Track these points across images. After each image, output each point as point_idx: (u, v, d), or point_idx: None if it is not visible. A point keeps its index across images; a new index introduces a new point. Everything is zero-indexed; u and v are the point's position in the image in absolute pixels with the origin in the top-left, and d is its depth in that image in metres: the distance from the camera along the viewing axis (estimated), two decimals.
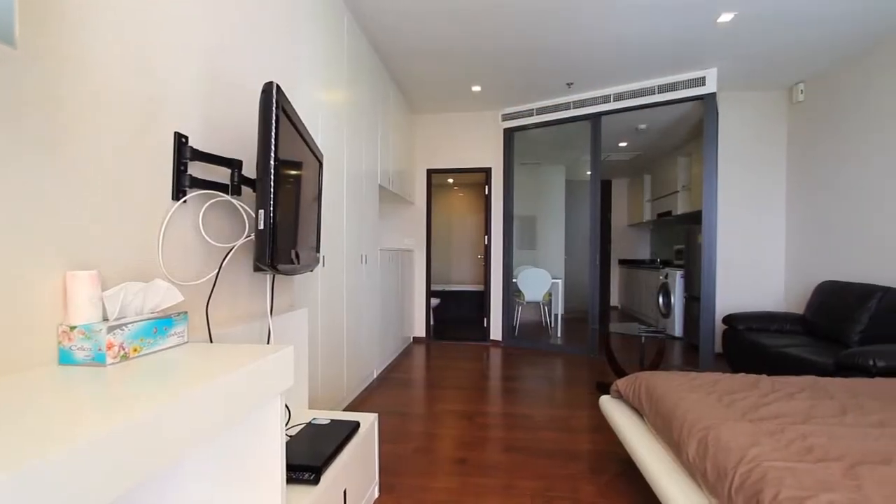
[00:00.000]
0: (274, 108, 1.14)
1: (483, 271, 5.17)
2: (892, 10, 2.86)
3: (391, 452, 2.29)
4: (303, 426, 1.61)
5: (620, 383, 2.13)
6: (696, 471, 1.37)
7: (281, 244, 1.22)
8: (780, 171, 4.37)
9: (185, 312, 1.10)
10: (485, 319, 5.15)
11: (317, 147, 1.72)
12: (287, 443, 1.41)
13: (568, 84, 4.15)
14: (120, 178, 1.02)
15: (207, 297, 1.27)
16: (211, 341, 1.23)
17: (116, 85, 1.00)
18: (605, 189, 8.37)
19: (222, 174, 1.36)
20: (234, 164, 1.34)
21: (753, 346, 3.36)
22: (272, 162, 1.13)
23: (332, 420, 1.67)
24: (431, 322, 5.44)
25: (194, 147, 1.23)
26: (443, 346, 4.93)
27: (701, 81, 3.85)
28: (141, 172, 1.08)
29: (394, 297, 4.23)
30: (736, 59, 3.65)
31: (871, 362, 2.31)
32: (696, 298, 4.19)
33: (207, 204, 1.30)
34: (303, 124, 1.48)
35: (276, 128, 1.14)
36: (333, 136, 2.68)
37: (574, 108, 4.42)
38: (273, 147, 1.13)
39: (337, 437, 1.52)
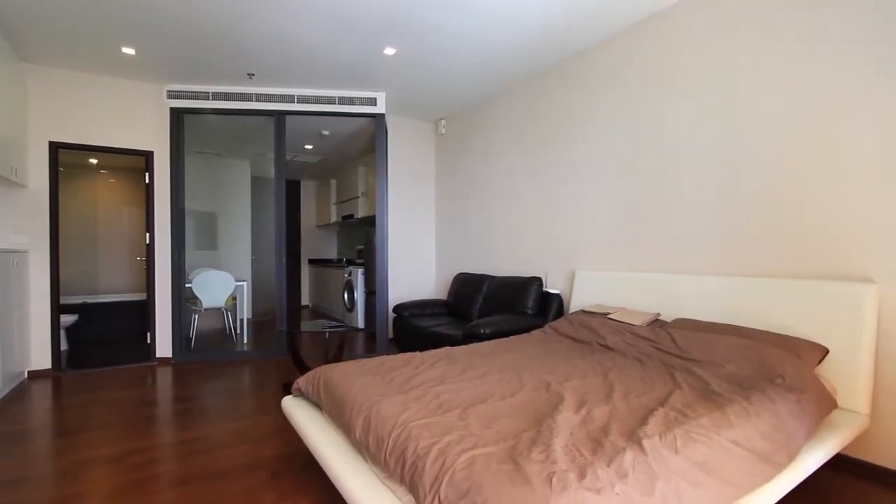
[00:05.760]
0: None
1: (146, 276, 4.25)
2: (497, 78, 4.05)
3: None
4: None
5: (301, 381, 2.16)
6: (363, 446, 1.53)
7: None
8: (432, 187, 5.48)
9: None
10: (148, 335, 4.26)
11: None
12: None
13: (249, 74, 3.92)
14: None
15: None
16: None
17: None
18: (295, 189, 8.40)
19: None
20: None
21: (414, 329, 4.08)
22: None
23: None
24: (63, 346, 4.08)
25: None
26: (83, 377, 3.77)
27: (373, 102, 4.37)
28: None
29: None
30: (399, 90, 4.33)
31: (482, 331, 3.19)
32: (374, 292, 4.75)
33: None
34: None
35: None
36: None
37: (257, 100, 4.21)
38: None
39: None
